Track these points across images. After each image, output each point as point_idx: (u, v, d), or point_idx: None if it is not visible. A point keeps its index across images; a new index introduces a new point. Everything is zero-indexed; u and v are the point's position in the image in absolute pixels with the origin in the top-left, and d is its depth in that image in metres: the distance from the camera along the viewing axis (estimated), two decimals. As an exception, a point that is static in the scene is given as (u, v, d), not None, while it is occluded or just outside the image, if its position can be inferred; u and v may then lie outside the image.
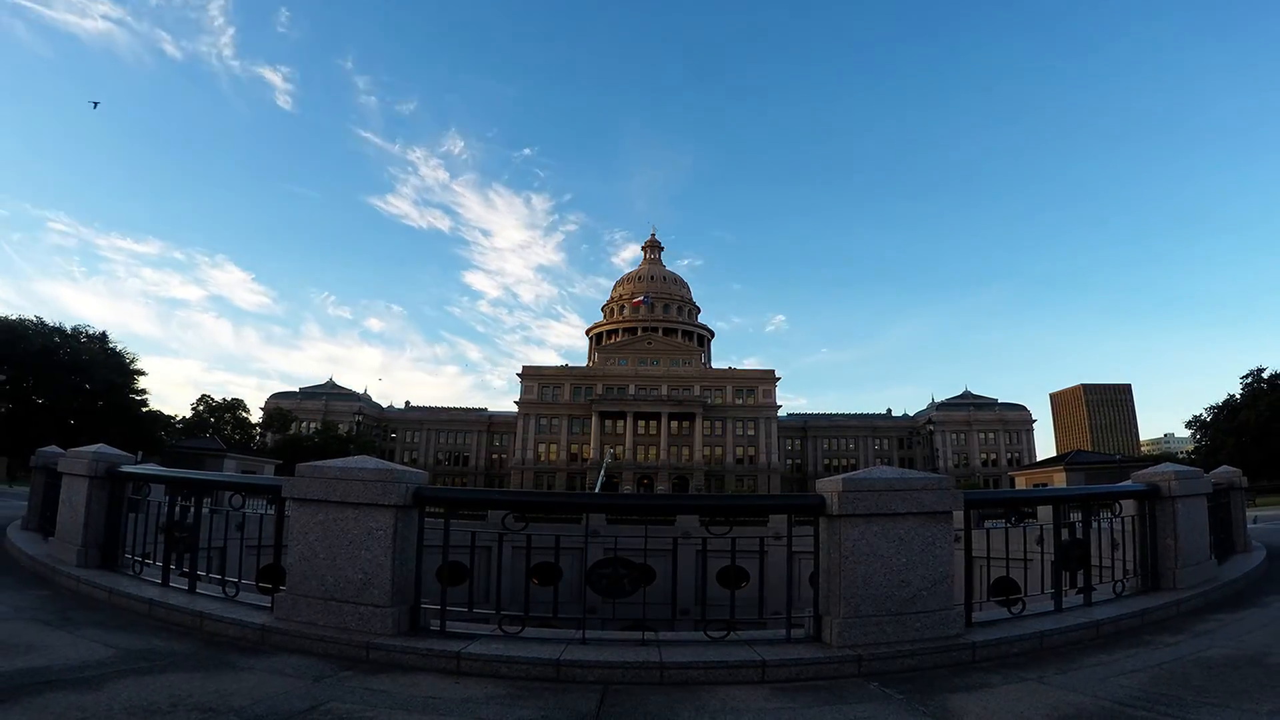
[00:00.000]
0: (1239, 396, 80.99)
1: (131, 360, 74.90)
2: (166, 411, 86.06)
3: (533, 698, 5.23)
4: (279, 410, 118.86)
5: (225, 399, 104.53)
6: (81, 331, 72.18)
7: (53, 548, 9.92)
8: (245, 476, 14.79)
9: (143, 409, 75.37)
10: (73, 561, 9.00)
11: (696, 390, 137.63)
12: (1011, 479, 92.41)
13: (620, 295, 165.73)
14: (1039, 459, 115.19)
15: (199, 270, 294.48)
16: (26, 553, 10.15)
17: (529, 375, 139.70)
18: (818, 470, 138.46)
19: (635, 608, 6.75)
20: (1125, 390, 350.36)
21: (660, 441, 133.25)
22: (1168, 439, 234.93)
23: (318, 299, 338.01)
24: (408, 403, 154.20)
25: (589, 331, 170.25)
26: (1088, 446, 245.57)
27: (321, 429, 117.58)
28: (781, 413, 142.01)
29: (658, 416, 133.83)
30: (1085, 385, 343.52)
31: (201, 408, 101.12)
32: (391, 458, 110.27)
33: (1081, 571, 8.10)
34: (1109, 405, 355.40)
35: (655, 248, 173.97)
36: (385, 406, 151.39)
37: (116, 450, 9.80)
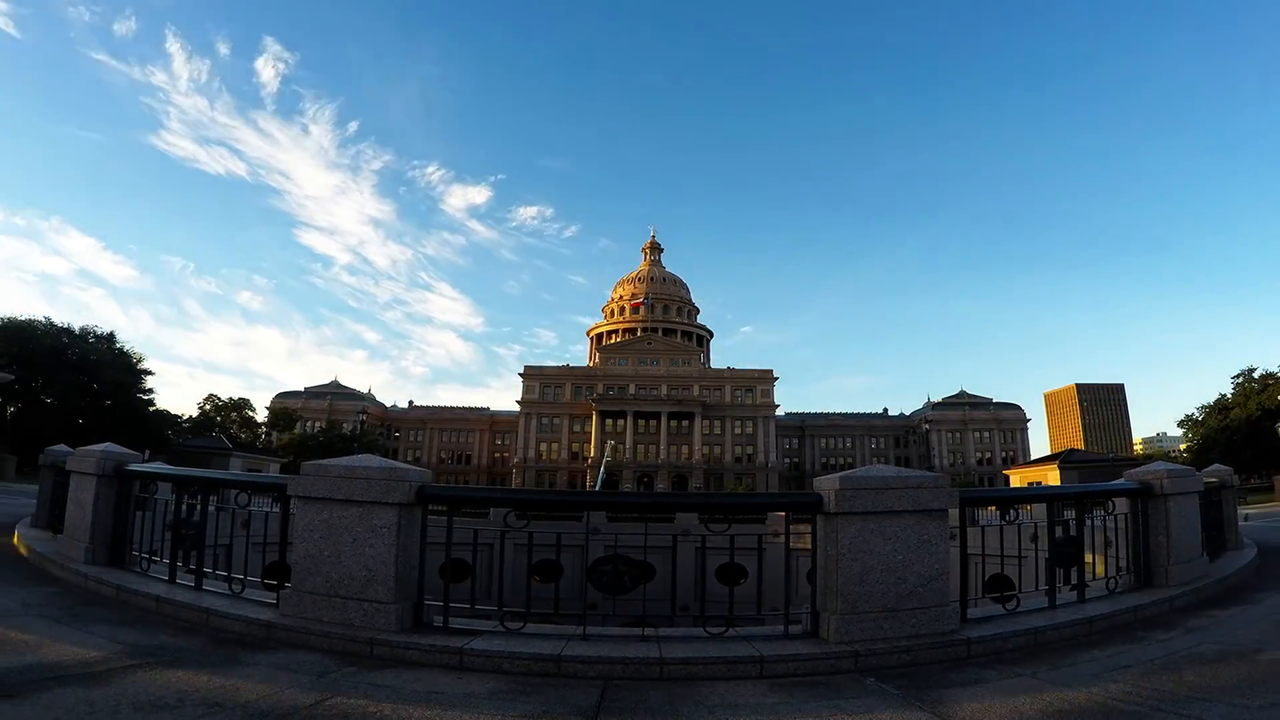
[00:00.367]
0: (1230, 396, 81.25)
1: (138, 360, 75.74)
2: (173, 411, 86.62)
3: (535, 693, 5.27)
4: (284, 410, 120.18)
5: (232, 398, 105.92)
6: (89, 332, 72.79)
7: (61, 545, 9.94)
8: (251, 475, 14.88)
9: (150, 408, 75.88)
10: (81, 558, 9.04)
11: (696, 390, 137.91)
12: (1006, 477, 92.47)
13: (620, 296, 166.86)
14: (1033, 458, 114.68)
15: (48, 238, 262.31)
16: (36, 550, 10.17)
17: (530, 375, 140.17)
18: (815, 469, 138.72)
19: (635, 604, 6.79)
20: (1118, 390, 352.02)
21: (660, 440, 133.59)
22: (1160, 438, 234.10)
23: (177, 268, 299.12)
24: (411, 402, 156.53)
25: (590, 332, 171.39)
26: (1081, 445, 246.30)
27: (326, 428, 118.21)
28: (779, 412, 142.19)
29: (657, 416, 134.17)
30: (1079, 385, 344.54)
31: (208, 407, 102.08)
32: (395, 456, 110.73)
33: (1075, 568, 8.13)
34: (1102, 404, 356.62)
35: (655, 249, 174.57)
36: (389, 406, 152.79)
37: (124, 449, 9.83)
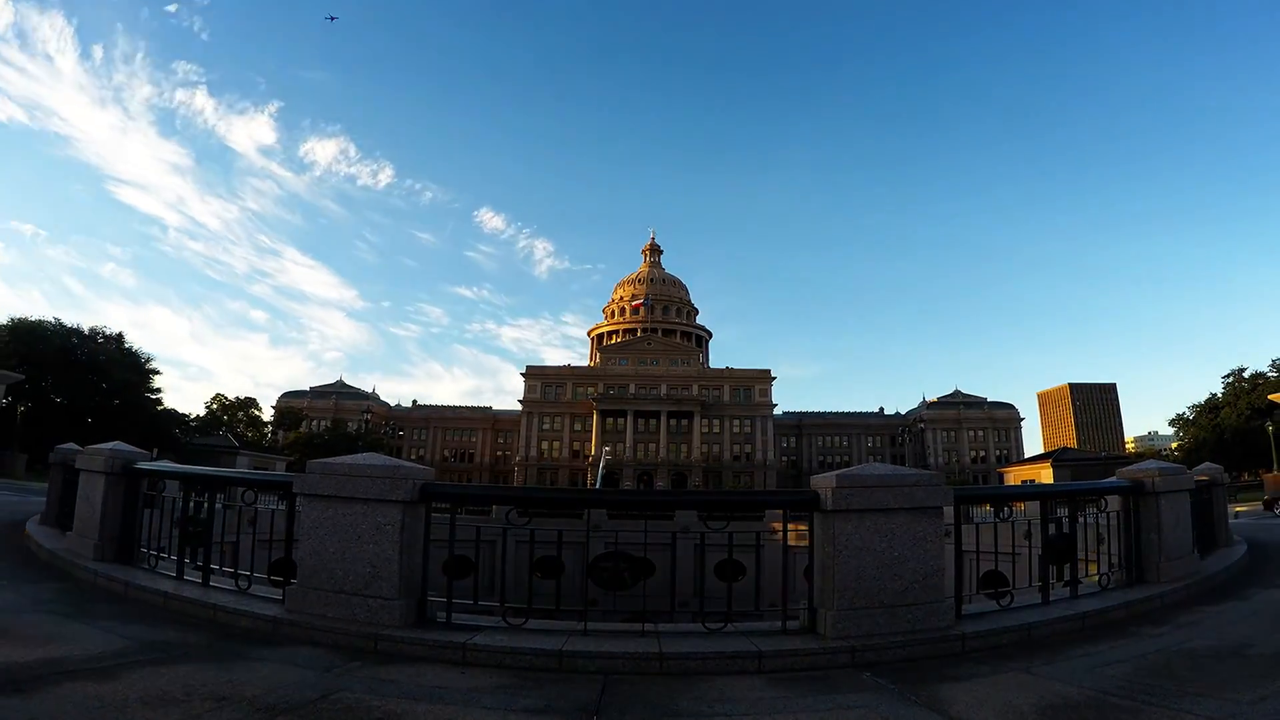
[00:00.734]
0: (1221, 395, 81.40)
1: (147, 360, 76.27)
2: (181, 410, 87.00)
3: (536, 687, 5.33)
4: (290, 409, 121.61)
5: (238, 398, 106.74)
6: (98, 333, 73.24)
7: (71, 542, 9.99)
8: (257, 473, 15.00)
9: (158, 407, 76.11)
10: (90, 555, 9.10)
11: (695, 389, 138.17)
12: (1000, 475, 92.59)
13: (621, 297, 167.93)
14: (1027, 456, 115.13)
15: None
16: (45, 547, 10.23)
17: (532, 375, 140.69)
18: (812, 467, 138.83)
19: (635, 600, 6.88)
20: (1110, 389, 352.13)
21: (660, 439, 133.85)
22: (1152, 436, 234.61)
23: (29, 234, 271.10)
24: (415, 401, 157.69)
25: (590, 332, 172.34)
26: (1074, 444, 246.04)
27: (331, 427, 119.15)
28: (777, 411, 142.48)
29: (657, 415, 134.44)
30: (1072, 384, 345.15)
31: (215, 406, 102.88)
32: (399, 455, 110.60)
33: (1068, 565, 8.19)
34: (1095, 404, 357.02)
35: (655, 251, 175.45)
36: (393, 405, 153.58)
37: (132, 447, 9.87)
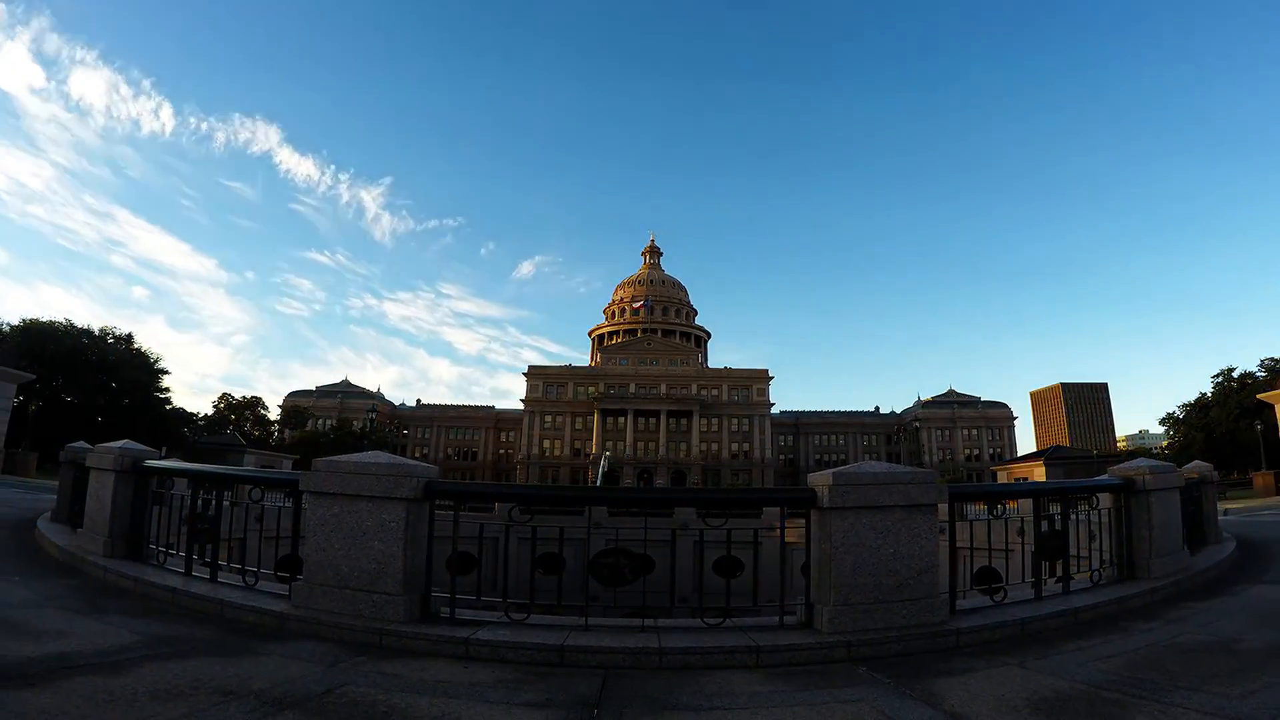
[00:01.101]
0: (1210, 395, 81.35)
1: (156, 360, 76.33)
2: (189, 409, 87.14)
3: (538, 681, 5.39)
4: (296, 408, 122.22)
5: (245, 397, 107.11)
6: (108, 333, 73.34)
7: (81, 539, 10.07)
8: (264, 471, 15.12)
9: (166, 406, 76.23)
10: (100, 552, 9.17)
11: (694, 389, 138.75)
12: (994, 473, 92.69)
13: (621, 298, 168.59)
14: (1020, 454, 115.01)
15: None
16: (56, 543, 10.29)
17: (534, 375, 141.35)
18: (809, 465, 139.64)
19: (635, 596, 6.95)
20: (1102, 389, 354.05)
21: (659, 438, 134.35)
22: (1143, 435, 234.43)
23: None
24: (419, 400, 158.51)
25: (591, 333, 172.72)
26: (1066, 442, 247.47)
27: (337, 426, 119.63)
28: (774, 410, 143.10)
29: (657, 414, 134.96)
30: (1064, 384, 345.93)
31: (222, 405, 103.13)
32: (403, 453, 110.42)
33: (1060, 561, 8.27)
34: (1086, 403, 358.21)
35: (654, 253, 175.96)
36: (398, 404, 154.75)
37: (141, 446, 9.92)
